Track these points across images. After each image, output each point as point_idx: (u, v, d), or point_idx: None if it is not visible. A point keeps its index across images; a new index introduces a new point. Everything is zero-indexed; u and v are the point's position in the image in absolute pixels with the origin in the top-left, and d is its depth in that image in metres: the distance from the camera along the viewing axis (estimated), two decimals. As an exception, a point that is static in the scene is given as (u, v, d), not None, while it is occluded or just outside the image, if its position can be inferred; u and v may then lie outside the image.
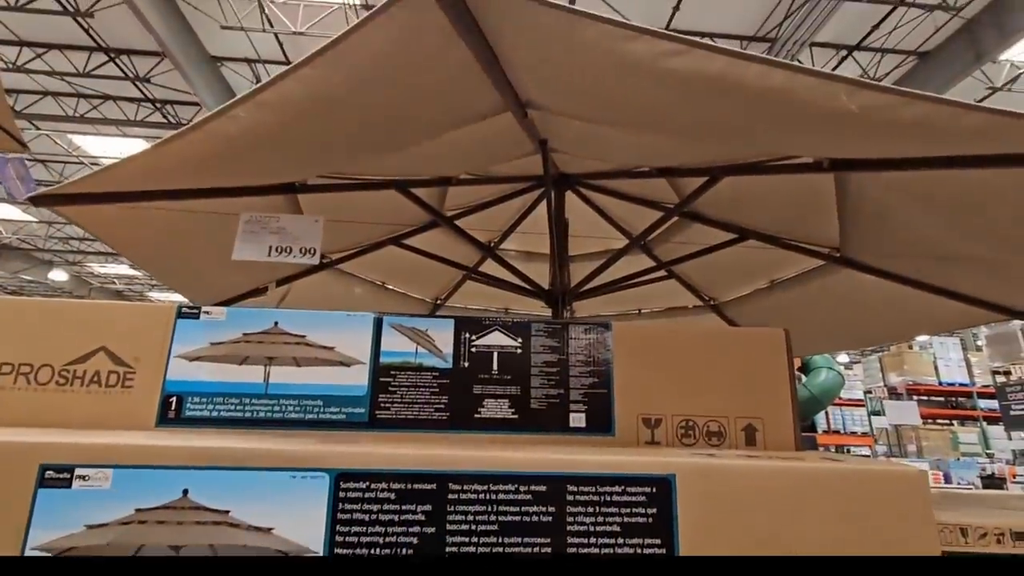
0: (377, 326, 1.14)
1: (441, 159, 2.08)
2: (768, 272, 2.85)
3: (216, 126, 1.18)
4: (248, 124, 1.20)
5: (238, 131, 1.23)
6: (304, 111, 1.21)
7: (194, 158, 1.47)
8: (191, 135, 1.33)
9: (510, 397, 1.12)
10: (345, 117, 1.30)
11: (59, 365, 1.06)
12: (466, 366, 1.13)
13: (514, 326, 1.17)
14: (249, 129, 1.24)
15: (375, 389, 1.10)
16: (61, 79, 9.35)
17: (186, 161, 1.48)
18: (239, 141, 1.31)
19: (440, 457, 0.81)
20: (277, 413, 1.07)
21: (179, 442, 0.82)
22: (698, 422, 1.13)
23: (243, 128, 1.23)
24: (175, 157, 1.46)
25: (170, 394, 1.07)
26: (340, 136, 1.45)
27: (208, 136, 1.34)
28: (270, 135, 1.31)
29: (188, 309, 1.13)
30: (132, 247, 2.12)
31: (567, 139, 1.86)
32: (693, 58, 0.90)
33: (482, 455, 0.82)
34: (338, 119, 1.31)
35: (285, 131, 1.31)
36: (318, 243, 1.45)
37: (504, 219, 3.13)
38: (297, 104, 1.17)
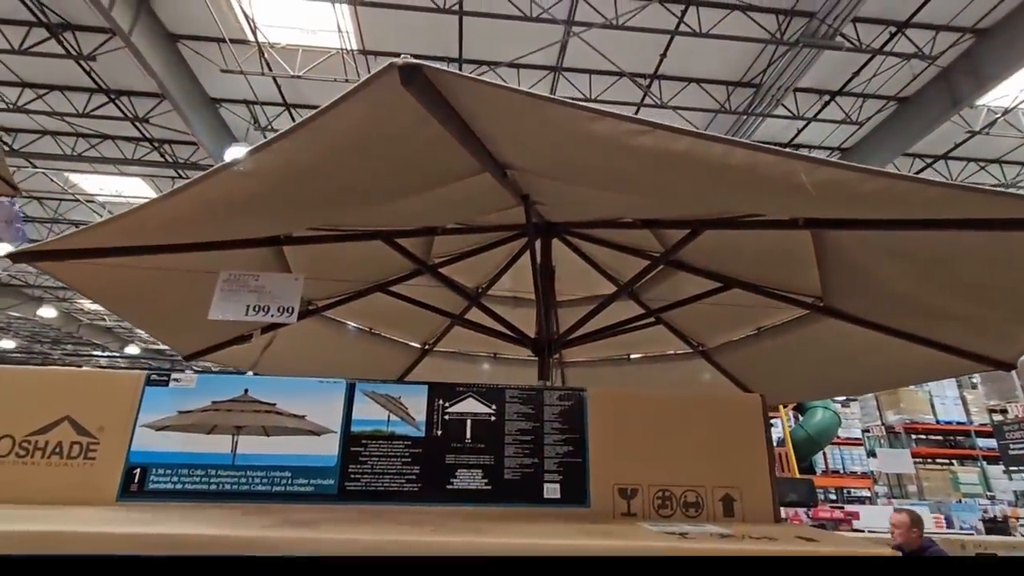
0: (349, 393, 1.13)
1: (426, 211, 2.11)
2: (755, 320, 2.86)
3: (198, 191, 1.20)
4: (230, 189, 1.22)
5: (220, 195, 1.25)
6: (286, 178, 1.23)
7: (177, 220, 1.48)
8: (172, 200, 1.34)
9: (483, 467, 1.10)
10: (325, 183, 1.32)
11: (20, 436, 1.04)
12: (439, 435, 1.12)
13: (488, 392, 1.16)
14: (231, 193, 1.26)
15: (345, 459, 1.08)
16: (61, 119, 9.50)
17: (169, 222, 1.49)
18: (221, 203, 1.32)
19: (411, 544, 0.79)
20: (244, 485, 1.05)
21: (134, 528, 0.79)
22: (675, 492, 1.11)
23: (225, 192, 1.24)
24: (157, 219, 1.48)
25: (134, 466, 1.04)
26: (321, 198, 1.47)
27: (190, 200, 1.35)
28: (253, 198, 1.33)
29: (157, 376, 1.11)
30: (114, 299, 2.12)
31: (548, 194, 1.89)
32: (656, 137, 0.93)
33: (455, 540, 0.80)
34: (318, 184, 1.33)
35: (268, 195, 1.33)
36: (296, 302, 1.45)
37: (492, 264, 3.15)
38: (277, 172, 1.19)
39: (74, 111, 9.29)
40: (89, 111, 9.32)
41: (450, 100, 1.02)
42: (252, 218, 1.51)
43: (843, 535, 1.05)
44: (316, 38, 8.20)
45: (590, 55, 7.82)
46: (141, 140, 10.17)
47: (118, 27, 7.00)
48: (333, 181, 1.32)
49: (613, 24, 7.18)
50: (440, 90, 0.97)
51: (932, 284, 1.73)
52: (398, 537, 0.81)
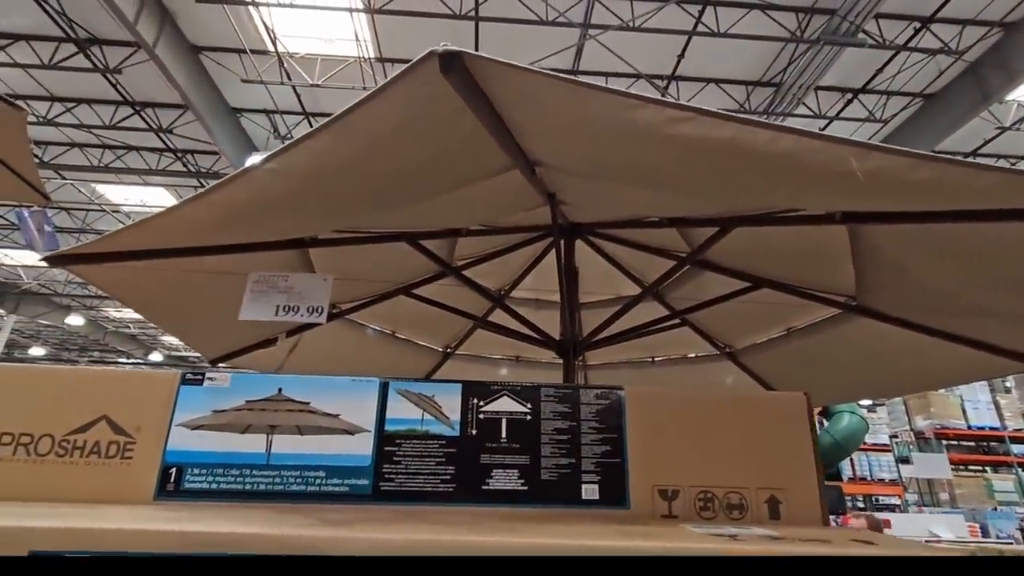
0: (383, 392, 1.12)
1: (451, 212, 2.10)
2: (784, 320, 2.79)
3: (226, 194, 1.20)
4: (258, 191, 1.22)
5: (247, 198, 1.25)
6: (313, 178, 1.24)
7: (206, 221, 1.49)
8: (200, 202, 1.35)
9: (519, 467, 1.08)
10: (353, 183, 1.32)
11: (59, 435, 1.05)
12: (474, 434, 1.10)
13: (523, 391, 1.14)
14: (259, 195, 1.26)
15: (380, 459, 1.07)
16: (88, 131, 9.77)
17: (198, 223, 1.50)
18: (249, 206, 1.33)
19: (448, 544, 0.77)
20: (278, 485, 1.04)
21: (172, 526, 0.79)
22: (717, 494, 1.08)
23: (253, 194, 1.25)
24: (187, 220, 1.49)
25: (170, 465, 1.04)
26: (349, 199, 1.47)
27: (218, 203, 1.36)
28: (280, 200, 1.33)
29: (192, 376, 1.11)
30: (144, 303, 2.14)
31: (575, 193, 1.87)
32: (699, 125, 0.90)
33: (490, 540, 0.78)
34: (346, 184, 1.33)
35: (295, 196, 1.33)
36: (326, 302, 1.45)
37: (515, 266, 3.14)
38: (305, 172, 1.19)
39: (101, 123, 9.54)
40: (115, 123, 9.57)
41: (486, 90, 1.01)
42: (279, 220, 1.51)
43: (899, 538, 1.01)
44: (334, 47, 8.32)
45: (607, 57, 7.80)
46: (165, 151, 10.40)
47: (143, 40, 7.18)
48: (362, 181, 1.32)
49: (630, 26, 7.16)
50: (477, 80, 0.96)
51: (975, 280, 1.66)
52: (437, 537, 0.79)
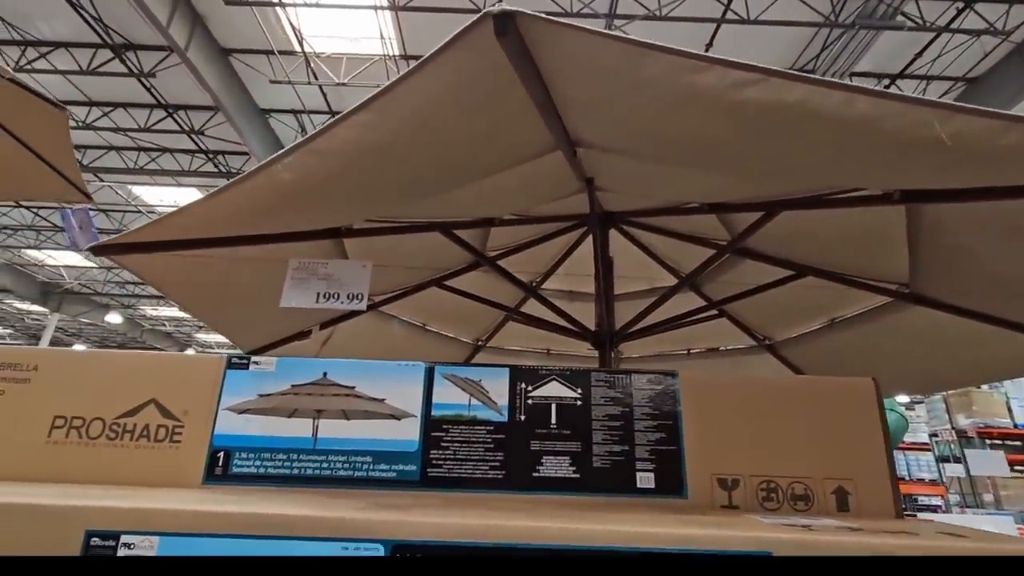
0: (429, 376, 1.09)
1: (486, 200, 2.07)
2: (828, 310, 2.69)
3: (268, 176, 1.19)
4: (299, 172, 1.21)
5: (290, 179, 1.24)
6: (354, 158, 1.21)
7: (246, 206, 1.49)
8: (244, 184, 1.35)
9: (571, 454, 1.04)
10: (394, 163, 1.29)
11: (110, 419, 1.05)
12: (522, 419, 1.06)
13: (573, 375, 1.09)
14: (299, 178, 1.25)
15: (427, 445, 1.04)
16: (124, 134, 10.07)
17: (239, 209, 1.50)
18: (290, 189, 1.32)
19: (505, 529, 0.73)
20: (325, 470, 1.02)
21: (225, 507, 0.77)
22: (781, 484, 1.02)
23: (294, 176, 1.23)
24: (227, 206, 1.49)
25: (217, 449, 1.03)
26: (388, 182, 1.45)
27: (260, 185, 1.35)
28: (320, 183, 1.32)
29: (238, 360, 1.10)
30: (182, 293, 2.17)
31: (614, 177, 1.82)
32: (768, 87, 0.85)
33: (551, 527, 0.74)
34: (387, 165, 1.31)
35: (334, 179, 1.32)
36: (366, 288, 1.43)
37: (545, 259, 3.09)
38: (348, 151, 1.17)
39: (136, 126, 9.82)
40: (150, 126, 9.83)
41: (536, 58, 0.96)
42: (318, 203, 1.50)
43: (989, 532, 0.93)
44: (359, 46, 8.39)
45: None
46: (197, 152, 10.65)
47: (175, 43, 7.34)
48: (403, 160, 1.29)
49: (656, 15, 7.02)
50: (529, 46, 0.92)
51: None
52: (500, 522, 0.76)
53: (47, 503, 0.75)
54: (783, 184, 1.72)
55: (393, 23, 7.82)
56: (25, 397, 1.06)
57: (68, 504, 0.76)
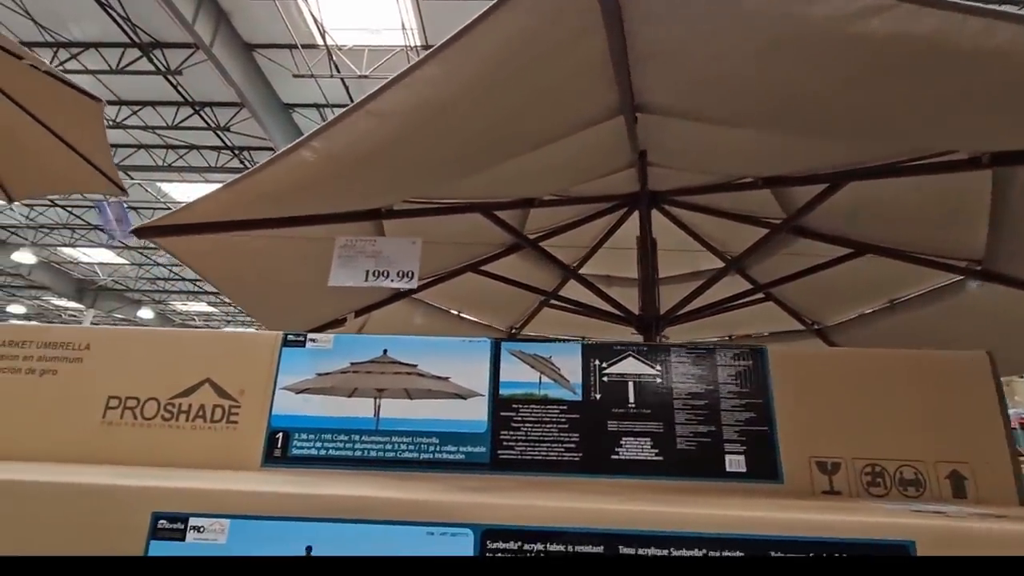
0: (495, 353, 1.02)
1: (529, 178, 1.99)
2: (886, 291, 2.54)
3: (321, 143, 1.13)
4: (351, 138, 1.14)
5: (340, 148, 1.18)
6: (409, 122, 1.14)
7: (288, 182, 1.43)
8: (289, 157, 1.29)
9: (652, 435, 0.96)
10: (449, 131, 1.22)
11: (164, 399, 1.00)
12: (598, 398, 0.98)
13: (651, 351, 1.01)
14: (350, 145, 1.18)
15: (496, 425, 0.97)
16: (153, 132, 10.23)
17: (281, 186, 1.45)
18: (336, 161, 1.25)
19: (608, 513, 0.66)
20: (389, 452, 0.96)
21: (300, 488, 0.71)
22: (887, 468, 0.92)
23: (345, 143, 1.17)
24: (269, 183, 1.44)
25: (276, 430, 0.98)
26: (438, 154, 1.37)
27: (304, 161, 1.30)
28: (368, 153, 1.25)
29: (294, 337, 1.05)
30: (221, 277, 2.14)
31: (669, 148, 1.72)
32: (896, 16, 0.74)
33: (664, 511, 0.66)
34: (441, 132, 1.23)
35: (384, 148, 1.24)
36: (416, 266, 1.37)
37: (584, 242, 2.99)
38: (404, 114, 1.10)
39: (164, 124, 9.96)
40: (177, 123, 9.96)
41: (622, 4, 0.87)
42: (363, 180, 1.43)
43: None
44: (380, 37, 8.35)
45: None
46: (223, 148, 10.77)
47: (200, 40, 7.39)
48: (457, 130, 1.21)
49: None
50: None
51: None
52: (604, 505, 0.68)
53: (111, 483, 0.70)
54: (853, 148, 1.59)
55: (414, 12, 7.75)
56: (78, 377, 1.02)
57: (133, 484, 0.70)
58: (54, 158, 3.81)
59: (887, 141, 1.45)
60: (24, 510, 0.69)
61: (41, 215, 13.73)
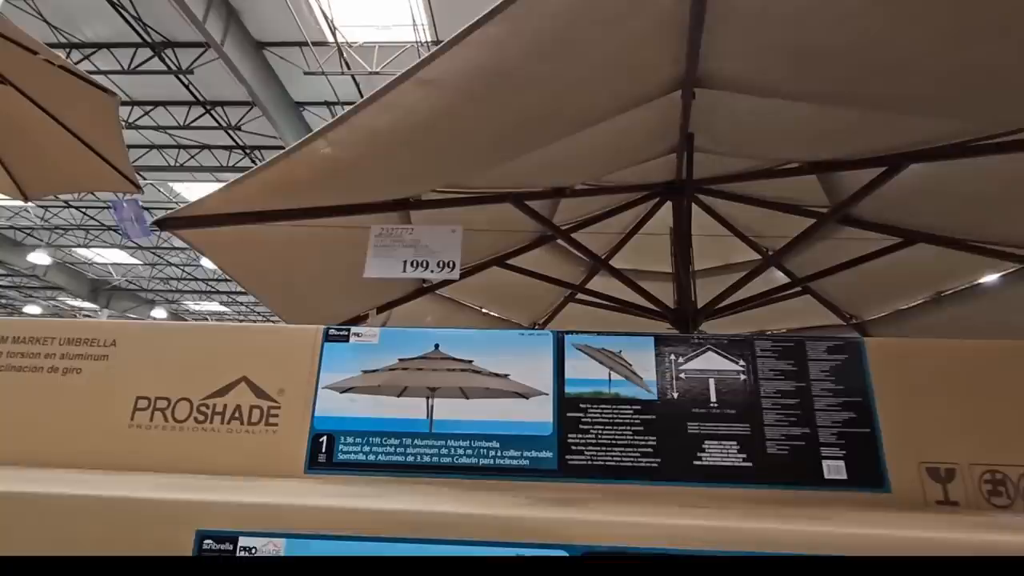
0: (558, 347, 0.92)
1: (561, 166, 1.89)
2: (934, 282, 2.42)
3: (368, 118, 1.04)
4: (398, 111, 1.05)
5: (386, 124, 1.08)
6: (463, 89, 1.03)
7: (317, 168, 1.34)
8: (320, 139, 1.20)
9: (739, 438, 0.85)
10: (502, 99, 1.11)
11: (198, 399, 0.92)
12: (675, 397, 0.88)
13: (732, 344, 0.91)
14: (393, 124, 1.09)
15: (562, 427, 0.87)
16: (164, 132, 10.21)
17: (309, 171, 1.36)
18: (377, 139, 1.16)
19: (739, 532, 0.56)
20: (445, 457, 0.87)
21: (362, 502, 0.62)
22: (1010, 475, 0.82)
23: (388, 122, 1.08)
24: (299, 169, 1.35)
25: (320, 433, 0.89)
26: (482, 129, 1.27)
27: (340, 139, 1.20)
28: (411, 130, 1.15)
29: (336, 331, 0.95)
30: (243, 272, 2.06)
31: (716, 132, 1.61)
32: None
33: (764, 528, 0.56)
34: (493, 102, 1.12)
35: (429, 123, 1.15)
36: (458, 255, 1.27)
37: (609, 237, 2.89)
38: (461, 80, 0.99)
39: (175, 123, 9.94)
40: (188, 123, 9.93)
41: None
42: (401, 158, 1.34)
43: None
44: (391, 33, 8.27)
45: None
46: (234, 148, 10.73)
47: (211, 38, 7.34)
48: (509, 102, 1.12)
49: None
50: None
51: None
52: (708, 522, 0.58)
53: (147, 496, 0.61)
54: (949, 120, 1.44)
55: (425, 8, 7.66)
56: (104, 376, 0.94)
57: (172, 498, 0.61)
58: (69, 156, 3.76)
59: (971, 113, 1.33)
60: (49, 527, 0.60)
61: (56, 216, 13.79)
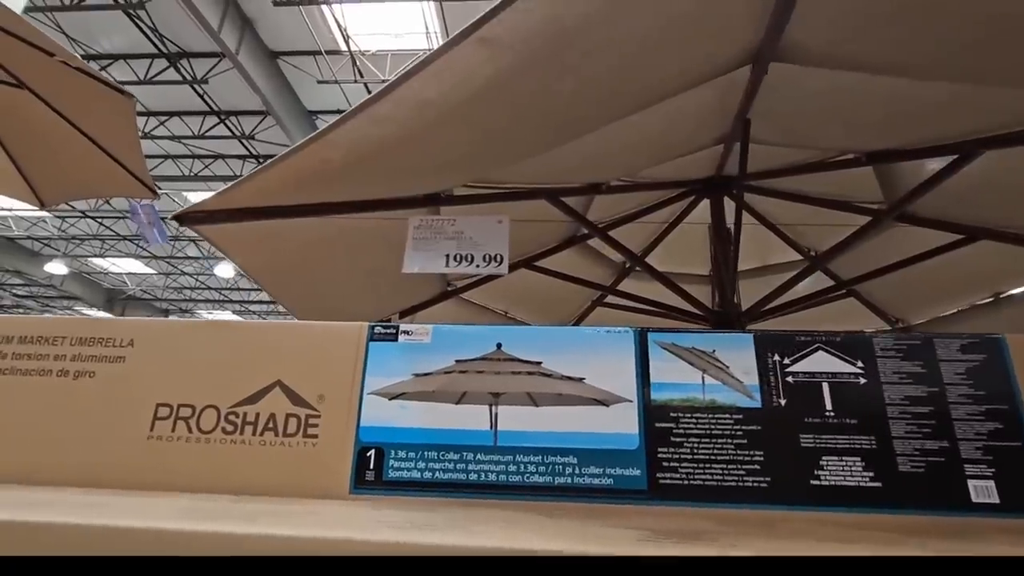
0: (641, 347, 0.79)
1: (599, 159, 1.77)
2: (992, 283, 2.26)
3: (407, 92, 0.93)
4: (452, 82, 0.93)
5: (436, 95, 0.97)
6: (524, 53, 0.91)
7: (346, 156, 1.23)
8: (340, 129, 1.09)
9: (863, 453, 0.72)
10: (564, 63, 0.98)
11: (225, 407, 0.79)
12: (783, 404, 0.75)
13: (846, 342, 0.77)
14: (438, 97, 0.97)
15: (651, 440, 0.74)
16: (179, 142, 10.25)
17: (329, 163, 1.25)
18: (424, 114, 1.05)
19: None
20: (514, 475, 0.74)
21: (426, 537, 0.49)
22: None
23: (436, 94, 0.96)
24: (320, 159, 1.24)
25: (367, 447, 0.76)
26: (535, 105, 1.14)
27: (360, 127, 1.09)
28: (464, 102, 1.03)
29: (383, 329, 0.83)
30: (263, 271, 1.96)
31: (775, 117, 1.49)
32: None
33: None
34: (553, 69, 1.00)
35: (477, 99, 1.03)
36: (505, 248, 1.15)
37: (639, 238, 2.76)
38: (523, 42, 0.88)
39: (190, 133, 9.97)
40: (203, 133, 9.96)
41: None
42: (441, 140, 1.22)
43: None
44: (403, 41, 8.25)
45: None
46: (248, 157, 10.75)
47: (226, 48, 7.35)
48: (577, 63, 0.99)
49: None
50: None
51: None
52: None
53: (175, 528, 0.49)
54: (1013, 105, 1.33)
55: (438, 16, 7.64)
56: (121, 380, 0.82)
57: (201, 531, 0.49)
58: (85, 161, 3.70)
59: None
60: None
61: (72, 226, 13.88)
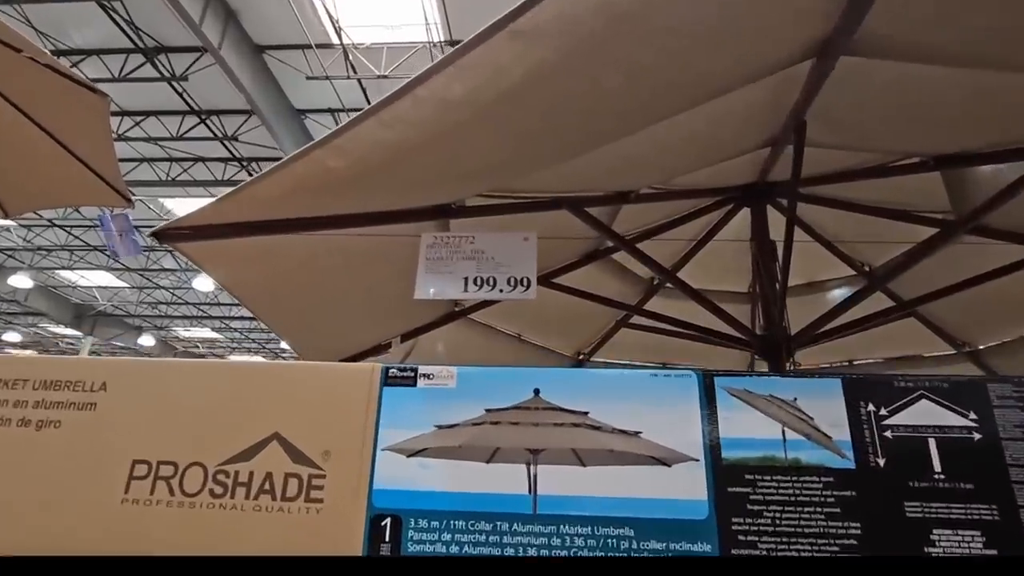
0: (706, 393, 0.73)
1: (630, 164, 1.72)
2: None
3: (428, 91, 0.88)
4: (484, 80, 0.89)
5: (461, 96, 0.92)
6: (558, 45, 0.86)
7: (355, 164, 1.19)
8: (350, 133, 1.05)
9: (983, 526, 0.65)
10: (606, 57, 0.93)
11: (214, 464, 0.74)
12: (881, 464, 0.69)
13: (954, 389, 0.71)
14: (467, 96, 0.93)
15: (723, 508, 0.68)
16: (156, 144, 10.31)
17: (326, 175, 1.20)
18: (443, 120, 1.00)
19: None
20: (557, 548, 0.68)
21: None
22: None
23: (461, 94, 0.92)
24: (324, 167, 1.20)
25: (381, 515, 0.70)
26: (569, 103, 1.08)
27: (372, 131, 1.05)
28: (493, 101, 0.98)
29: (399, 373, 0.78)
30: (252, 293, 1.91)
31: (833, 119, 1.43)
32: None
33: None
34: (591, 63, 0.95)
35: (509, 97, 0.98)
36: (533, 270, 1.10)
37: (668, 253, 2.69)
38: (556, 33, 0.83)
39: (168, 135, 10.03)
40: (182, 134, 10.02)
41: None
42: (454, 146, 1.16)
43: None
44: (400, 33, 8.29)
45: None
46: (230, 160, 10.81)
47: (208, 42, 7.40)
48: (619, 57, 0.95)
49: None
50: None
51: None
52: None
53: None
54: None
55: (438, 5, 7.67)
56: (91, 431, 0.76)
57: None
58: (54, 167, 3.69)
59: None
60: None
61: (39, 236, 13.95)
